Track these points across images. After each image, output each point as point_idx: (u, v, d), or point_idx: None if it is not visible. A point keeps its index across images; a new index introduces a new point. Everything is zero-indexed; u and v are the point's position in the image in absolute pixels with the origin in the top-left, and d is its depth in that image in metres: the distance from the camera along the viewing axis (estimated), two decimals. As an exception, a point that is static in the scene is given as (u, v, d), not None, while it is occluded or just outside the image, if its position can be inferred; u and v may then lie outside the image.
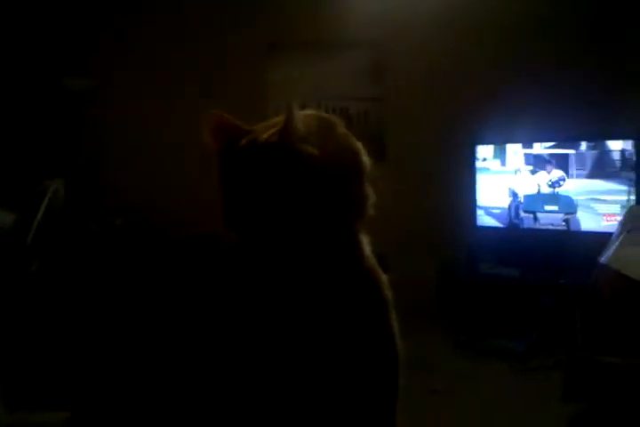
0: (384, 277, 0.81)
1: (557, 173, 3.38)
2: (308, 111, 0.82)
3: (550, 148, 3.43)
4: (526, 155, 3.49)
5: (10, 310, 2.33)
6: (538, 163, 3.45)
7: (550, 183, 3.40)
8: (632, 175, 3.16)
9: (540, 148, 3.46)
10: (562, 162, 3.37)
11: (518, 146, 3.51)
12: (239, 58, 3.76)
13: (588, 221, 3.29)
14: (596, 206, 3.26)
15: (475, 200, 3.60)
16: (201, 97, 3.74)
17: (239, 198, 0.79)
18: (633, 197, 3.14)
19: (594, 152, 3.30)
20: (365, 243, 0.82)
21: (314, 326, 0.74)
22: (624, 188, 3.17)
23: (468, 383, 2.66)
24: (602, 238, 3.03)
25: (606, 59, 3.38)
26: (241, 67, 3.76)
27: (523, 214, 3.51)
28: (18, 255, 2.09)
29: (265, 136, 0.78)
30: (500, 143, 3.57)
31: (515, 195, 3.52)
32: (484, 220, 3.62)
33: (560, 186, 3.37)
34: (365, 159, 0.84)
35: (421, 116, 3.69)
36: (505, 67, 3.53)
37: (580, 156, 3.33)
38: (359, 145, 0.84)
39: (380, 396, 0.77)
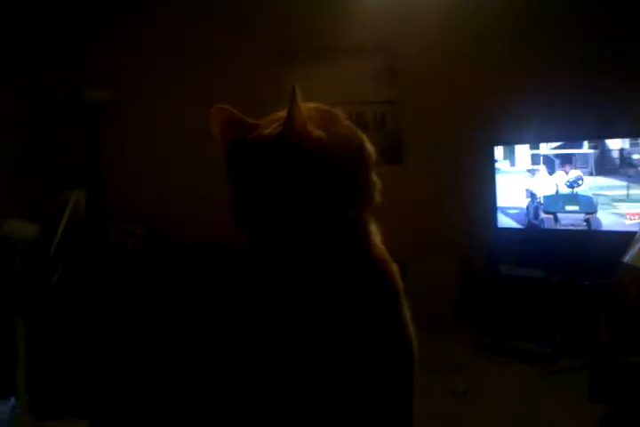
0: (394, 267, 0.81)
1: (575, 173, 3.34)
2: (310, 104, 0.83)
3: (563, 148, 3.40)
4: (537, 155, 3.47)
5: (33, 321, 2.36)
6: (555, 163, 3.42)
7: (569, 183, 3.36)
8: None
9: (551, 148, 3.43)
10: (582, 161, 3.34)
11: (536, 146, 3.48)
12: (253, 65, 3.79)
13: (609, 221, 3.25)
14: (618, 205, 3.22)
15: (494, 201, 3.57)
16: (216, 106, 3.78)
17: (248, 193, 0.80)
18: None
19: (614, 150, 3.26)
20: (374, 231, 0.83)
21: (322, 320, 0.74)
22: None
23: (492, 386, 2.63)
24: (624, 238, 3.00)
25: (625, 58, 3.35)
26: (255, 74, 3.78)
27: (543, 215, 3.47)
28: (41, 266, 2.12)
29: (270, 129, 0.79)
30: (517, 143, 3.54)
31: (533, 195, 3.49)
32: (503, 221, 3.59)
33: (579, 186, 3.33)
34: (370, 147, 0.84)
35: (438, 117, 3.68)
36: (520, 67, 3.51)
37: (597, 155, 3.30)
38: (362, 134, 0.84)
39: (394, 391, 0.76)
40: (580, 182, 3.33)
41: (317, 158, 0.77)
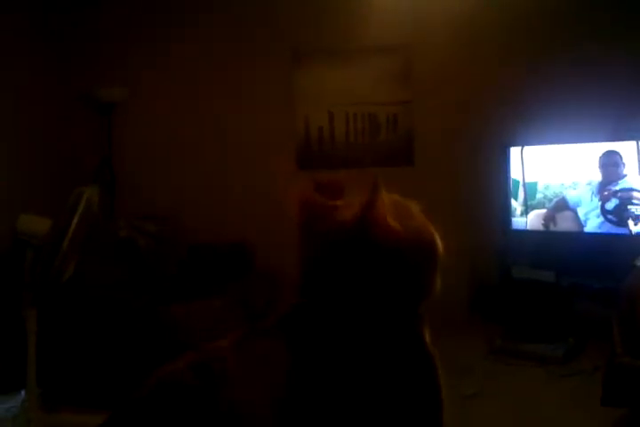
0: (439, 363, 0.81)
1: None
2: (387, 195, 0.81)
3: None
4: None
5: (46, 315, 2.38)
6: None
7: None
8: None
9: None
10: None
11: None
12: (267, 65, 3.79)
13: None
14: (632, 209, 3.19)
15: (508, 203, 3.55)
16: (229, 105, 3.79)
17: (318, 273, 0.79)
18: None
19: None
20: (427, 329, 0.82)
21: (375, 410, 0.73)
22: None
23: (504, 389, 2.61)
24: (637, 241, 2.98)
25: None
26: (269, 74, 3.79)
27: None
28: (53, 261, 2.13)
29: (349, 214, 0.78)
30: (532, 145, 3.51)
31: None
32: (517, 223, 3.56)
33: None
34: (440, 244, 0.83)
35: (451, 119, 3.66)
36: (536, 68, 3.48)
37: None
38: (434, 230, 0.83)
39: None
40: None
41: (391, 251, 0.76)
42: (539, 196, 3.49)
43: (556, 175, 3.45)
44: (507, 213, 3.55)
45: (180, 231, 3.53)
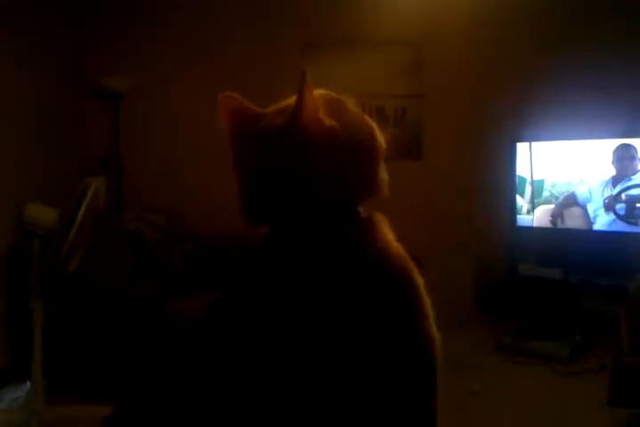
0: (410, 263, 0.77)
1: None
2: (318, 91, 0.80)
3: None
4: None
5: (53, 306, 2.38)
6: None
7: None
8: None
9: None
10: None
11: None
12: (277, 56, 3.76)
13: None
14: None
15: (514, 200, 3.52)
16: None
17: (255, 184, 0.78)
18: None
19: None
20: (386, 229, 0.79)
21: (332, 320, 0.70)
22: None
23: (509, 386, 2.60)
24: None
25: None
26: (279, 65, 3.76)
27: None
28: (60, 251, 2.13)
29: (279, 118, 0.77)
30: (541, 140, 3.48)
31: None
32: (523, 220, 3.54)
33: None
34: (380, 138, 0.81)
35: (460, 113, 3.64)
36: (546, 64, 3.45)
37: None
38: (374, 123, 0.82)
39: (415, 394, 0.72)
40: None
41: (328, 148, 0.74)
42: (545, 194, 3.46)
43: (564, 172, 3.42)
44: (512, 209, 3.53)
45: (187, 224, 3.52)
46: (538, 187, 3.48)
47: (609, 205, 3.24)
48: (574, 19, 3.40)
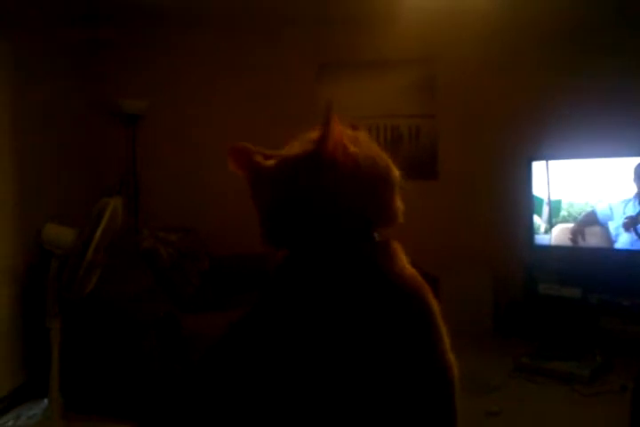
0: (426, 288, 0.78)
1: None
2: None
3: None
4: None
5: (70, 325, 2.40)
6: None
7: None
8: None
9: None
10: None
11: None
12: (291, 78, 3.81)
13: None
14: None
15: (531, 218, 3.49)
16: (253, 117, 3.81)
17: (276, 212, 0.80)
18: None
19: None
20: (400, 250, 0.81)
21: (351, 345, 0.71)
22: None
23: (528, 407, 2.55)
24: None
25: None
26: (293, 87, 3.81)
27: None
28: (77, 271, 2.16)
29: (299, 148, 0.80)
30: (556, 159, 3.46)
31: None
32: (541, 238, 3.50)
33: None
34: (396, 169, 0.84)
35: (475, 132, 3.64)
36: (561, 81, 3.44)
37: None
38: (386, 155, 0.85)
39: (435, 420, 0.72)
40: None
41: (350, 175, 0.77)
42: (563, 213, 3.43)
43: (581, 192, 3.39)
44: (530, 228, 3.50)
45: (203, 243, 3.54)
46: (555, 207, 3.45)
47: (628, 225, 3.21)
48: (589, 37, 3.40)
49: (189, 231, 3.52)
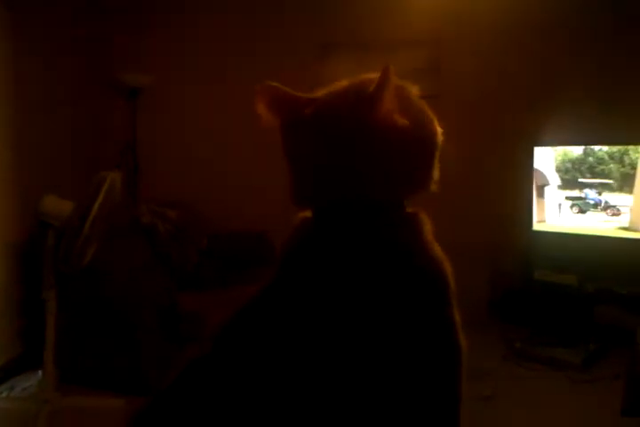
0: (448, 266, 0.76)
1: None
2: (374, 75, 0.77)
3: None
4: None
5: (67, 297, 2.40)
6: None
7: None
8: None
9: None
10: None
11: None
12: (294, 55, 3.75)
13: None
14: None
15: (531, 204, 3.48)
16: (254, 93, 3.76)
17: (310, 169, 0.76)
18: None
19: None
20: (427, 223, 0.78)
21: (370, 317, 0.69)
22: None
23: (521, 392, 2.57)
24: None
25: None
26: (296, 64, 3.76)
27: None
28: (74, 244, 2.15)
29: (345, 106, 0.74)
30: (559, 145, 3.44)
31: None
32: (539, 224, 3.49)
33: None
34: (439, 129, 0.80)
35: (477, 115, 3.60)
36: (566, 67, 3.40)
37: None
38: (433, 116, 0.81)
39: (441, 396, 0.72)
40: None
41: (395, 145, 0.73)
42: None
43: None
44: (529, 214, 3.49)
45: (201, 219, 3.53)
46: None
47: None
48: (594, 23, 3.34)
49: (188, 207, 3.51)
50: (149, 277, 2.87)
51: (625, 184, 3.26)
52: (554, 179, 3.44)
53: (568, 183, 3.42)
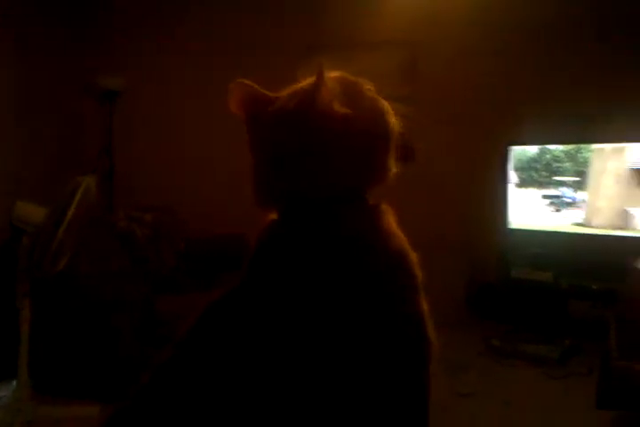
0: (414, 256, 0.77)
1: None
2: (334, 73, 0.80)
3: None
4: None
5: (41, 305, 2.36)
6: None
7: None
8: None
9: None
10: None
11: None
12: (275, 58, 3.75)
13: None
14: None
15: (506, 202, 3.53)
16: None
17: (269, 165, 0.77)
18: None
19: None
20: (391, 214, 0.79)
21: (335, 311, 0.69)
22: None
23: (498, 388, 2.60)
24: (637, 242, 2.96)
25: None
26: (277, 67, 3.75)
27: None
28: (49, 248, 2.12)
29: (292, 103, 0.76)
30: (533, 144, 3.49)
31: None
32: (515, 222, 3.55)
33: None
34: (393, 121, 0.82)
35: (452, 116, 3.64)
36: (541, 66, 3.46)
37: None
38: (387, 106, 0.82)
39: (408, 389, 0.71)
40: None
41: (340, 135, 0.74)
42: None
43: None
44: (504, 210, 3.54)
45: (179, 223, 3.51)
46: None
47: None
48: (568, 25, 3.40)
49: (164, 211, 3.48)
50: (125, 282, 2.84)
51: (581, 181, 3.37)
52: (512, 177, 3.50)
53: (524, 182, 3.49)
